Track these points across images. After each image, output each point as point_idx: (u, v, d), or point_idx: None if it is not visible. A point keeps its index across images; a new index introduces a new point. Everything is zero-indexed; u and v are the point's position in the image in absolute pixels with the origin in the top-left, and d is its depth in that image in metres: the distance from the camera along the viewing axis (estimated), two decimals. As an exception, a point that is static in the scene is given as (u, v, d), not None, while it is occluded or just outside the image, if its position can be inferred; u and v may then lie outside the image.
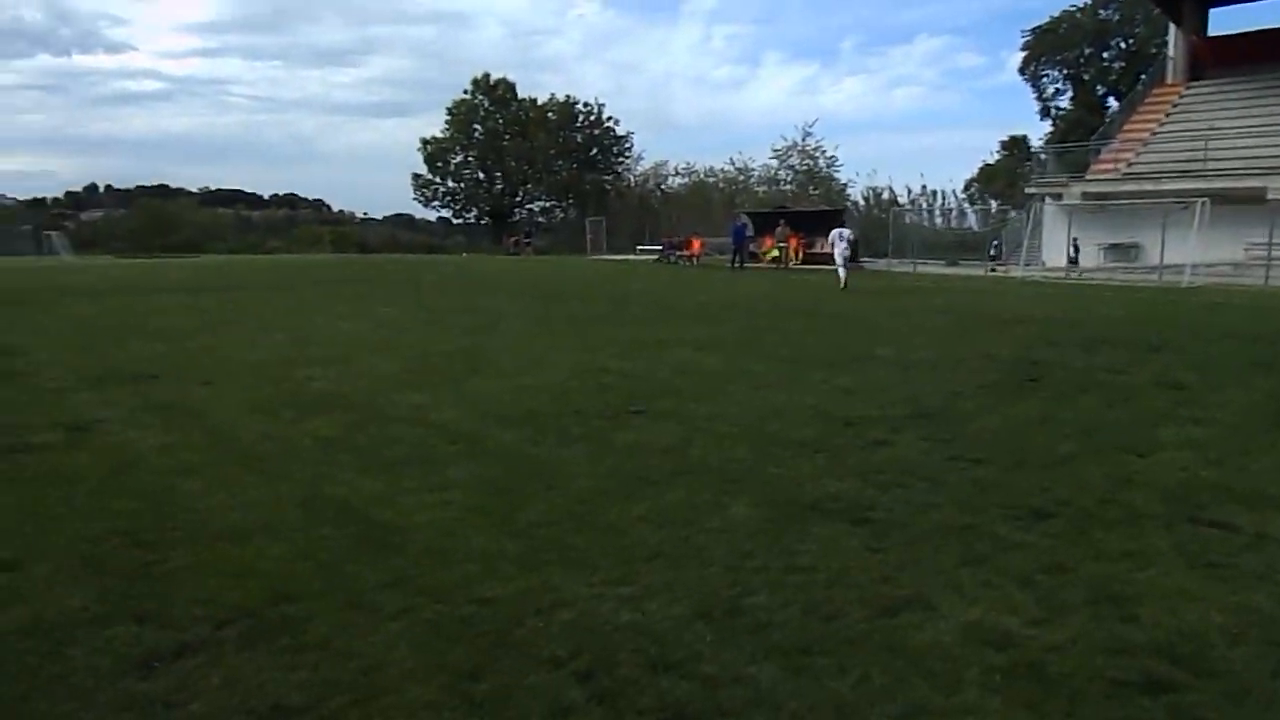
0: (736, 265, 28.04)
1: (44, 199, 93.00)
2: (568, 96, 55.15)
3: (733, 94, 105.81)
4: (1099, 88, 48.85)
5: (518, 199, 56.46)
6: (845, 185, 52.45)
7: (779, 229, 29.61)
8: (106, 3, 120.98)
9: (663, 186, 57.93)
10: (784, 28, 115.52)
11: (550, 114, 54.29)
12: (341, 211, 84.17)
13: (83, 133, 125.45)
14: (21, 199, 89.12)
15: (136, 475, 5.12)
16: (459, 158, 54.31)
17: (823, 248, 28.72)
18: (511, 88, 54.44)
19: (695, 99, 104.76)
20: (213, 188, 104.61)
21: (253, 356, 9.62)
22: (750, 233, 30.74)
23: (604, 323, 12.66)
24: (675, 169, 56.54)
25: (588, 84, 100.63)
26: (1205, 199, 21.21)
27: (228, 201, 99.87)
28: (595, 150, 55.81)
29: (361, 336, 11.46)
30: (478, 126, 53.63)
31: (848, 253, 20.77)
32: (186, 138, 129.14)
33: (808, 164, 53.67)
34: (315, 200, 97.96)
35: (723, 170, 55.42)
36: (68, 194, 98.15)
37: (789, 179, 54.17)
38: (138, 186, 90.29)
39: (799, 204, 40.27)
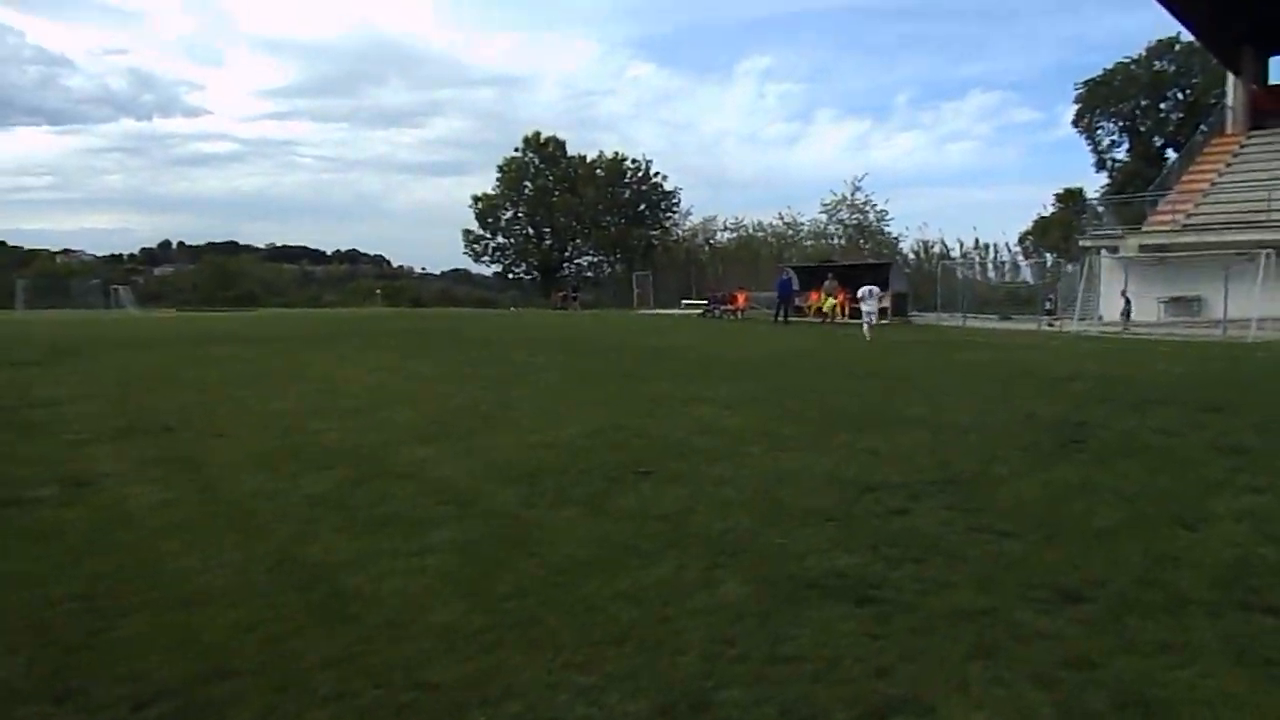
0: (781, 319, 27.66)
1: (120, 255, 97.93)
2: (616, 153, 55.98)
3: (785, 150, 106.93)
4: (1156, 139, 47.86)
5: (566, 254, 56.97)
6: (896, 239, 51.88)
7: (828, 282, 28.85)
8: (186, 70, 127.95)
9: (711, 241, 57.99)
10: (836, 85, 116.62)
11: (599, 170, 54.98)
12: (401, 266, 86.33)
13: (159, 192, 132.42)
14: (99, 255, 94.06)
15: (121, 533, 4.98)
16: (509, 214, 55.18)
17: (881, 302, 28.44)
18: (561, 145, 55.40)
19: (748, 156, 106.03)
20: (279, 243, 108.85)
21: (274, 407, 9.57)
22: (795, 286, 30.38)
23: (633, 378, 12.38)
24: (724, 224, 56.64)
25: (642, 142, 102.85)
26: (1270, 250, 20.33)
27: (293, 257, 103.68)
28: (644, 206, 56.25)
29: (387, 388, 11.36)
30: (528, 184, 54.52)
31: (874, 308, 21.87)
32: (256, 196, 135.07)
33: (857, 218, 53.24)
34: (376, 256, 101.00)
35: (771, 225, 55.31)
36: (142, 250, 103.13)
37: (838, 233, 53.79)
38: (208, 243, 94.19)
39: (846, 258, 39.79)
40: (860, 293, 22.40)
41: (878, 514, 5.16)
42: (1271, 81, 31.47)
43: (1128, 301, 24.45)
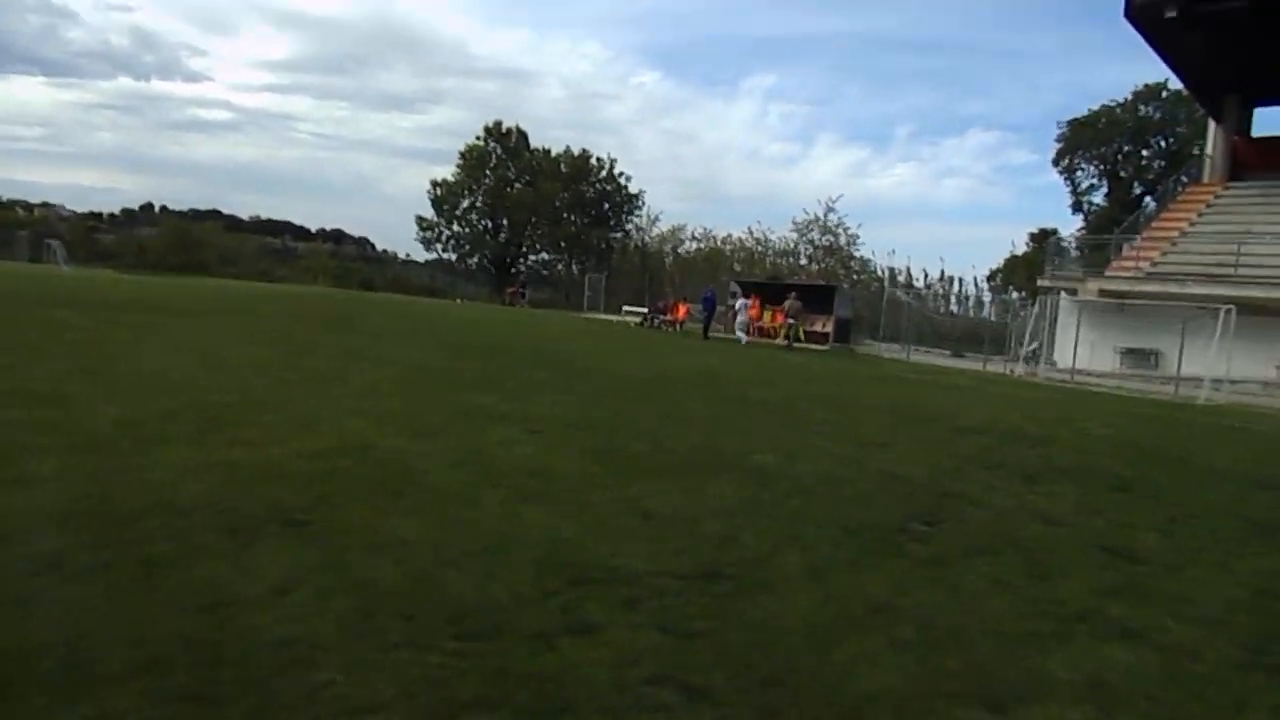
0: (710, 335, 25.85)
1: (100, 213, 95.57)
2: (583, 150, 53.96)
3: (784, 170, 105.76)
4: (1136, 186, 46.61)
5: (521, 249, 54.89)
6: (865, 263, 50.47)
7: (789, 302, 26.51)
8: (190, 35, 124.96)
9: (678, 250, 56.30)
10: (839, 110, 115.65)
11: (562, 166, 52.99)
12: (385, 250, 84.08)
13: (150, 154, 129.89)
14: (79, 211, 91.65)
15: None
16: (466, 203, 53.04)
17: (817, 326, 26.71)
18: (524, 136, 53.28)
19: (747, 172, 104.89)
20: (264, 216, 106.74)
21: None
22: (740, 301, 28.51)
23: (465, 387, 10.47)
24: (692, 234, 54.92)
25: (641, 148, 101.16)
26: (1231, 306, 18.77)
27: (276, 231, 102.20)
28: (607, 206, 54.33)
29: (168, 371, 9.43)
30: (487, 173, 52.41)
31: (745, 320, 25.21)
32: (248, 167, 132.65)
33: (829, 239, 51.77)
34: (360, 238, 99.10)
35: (740, 239, 53.69)
36: (123, 210, 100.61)
37: (807, 252, 52.31)
38: (191, 209, 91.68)
39: (791, 277, 38.14)
40: (736, 305, 24.64)
41: (537, 633, 3.30)
42: (1254, 133, 30.10)
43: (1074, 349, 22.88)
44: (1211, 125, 30.30)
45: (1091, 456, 8.86)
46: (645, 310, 31.60)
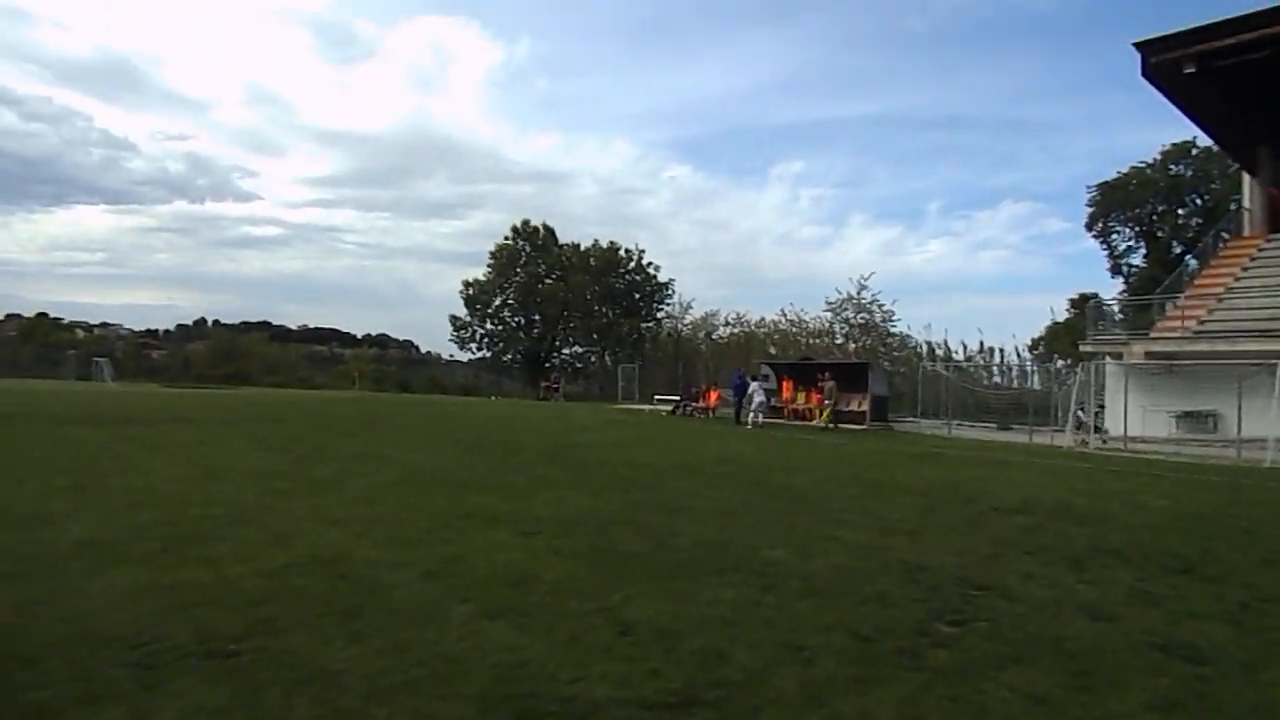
0: (743, 421, 25.12)
1: (156, 330, 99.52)
2: (610, 242, 54.35)
3: (818, 252, 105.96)
4: (1174, 245, 45.51)
5: (554, 343, 54.95)
6: (904, 340, 49.54)
7: (827, 384, 25.67)
8: (241, 157, 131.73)
9: (711, 335, 55.99)
10: (869, 190, 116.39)
11: (591, 259, 53.39)
12: (429, 353, 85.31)
13: (205, 271, 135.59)
14: (136, 329, 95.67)
15: None
16: (498, 300, 53.48)
17: (853, 405, 25.88)
18: (552, 233, 53.91)
19: (781, 256, 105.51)
20: (311, 325, 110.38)
21: None
22: (768, 384, 27.84)
23: (468, 486, 9.98)
24: (725, 319, 54.62)
25: (676, 239, 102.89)
26: (1288, 362, 17.70)
27: (323, 339, 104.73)
28: (638, 296, 54.38)
29: (166, 482, 9.13)
30: (518, 270, 52.95)
31: (764, 400, 25.26)
32: (297, 279, 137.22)
33: (864, 317, 51.06)
34: (405, 341, 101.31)
35: (774, 321, 53.21)
36: (178, 326, 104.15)
37: (842, 331, 51.59)
38: (242, 322, 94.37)
39: (825, 357, 37.38)
40: (751, 388, 25.06)
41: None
42: (1291, 183, 29.17)
43: (1098, 413, 21.77)
44: (1246, 178, 29.45)
45: (1147, 534, 8.01)
46: (676, 398, 31.03)
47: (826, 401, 24.89)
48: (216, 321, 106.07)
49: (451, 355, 59.18)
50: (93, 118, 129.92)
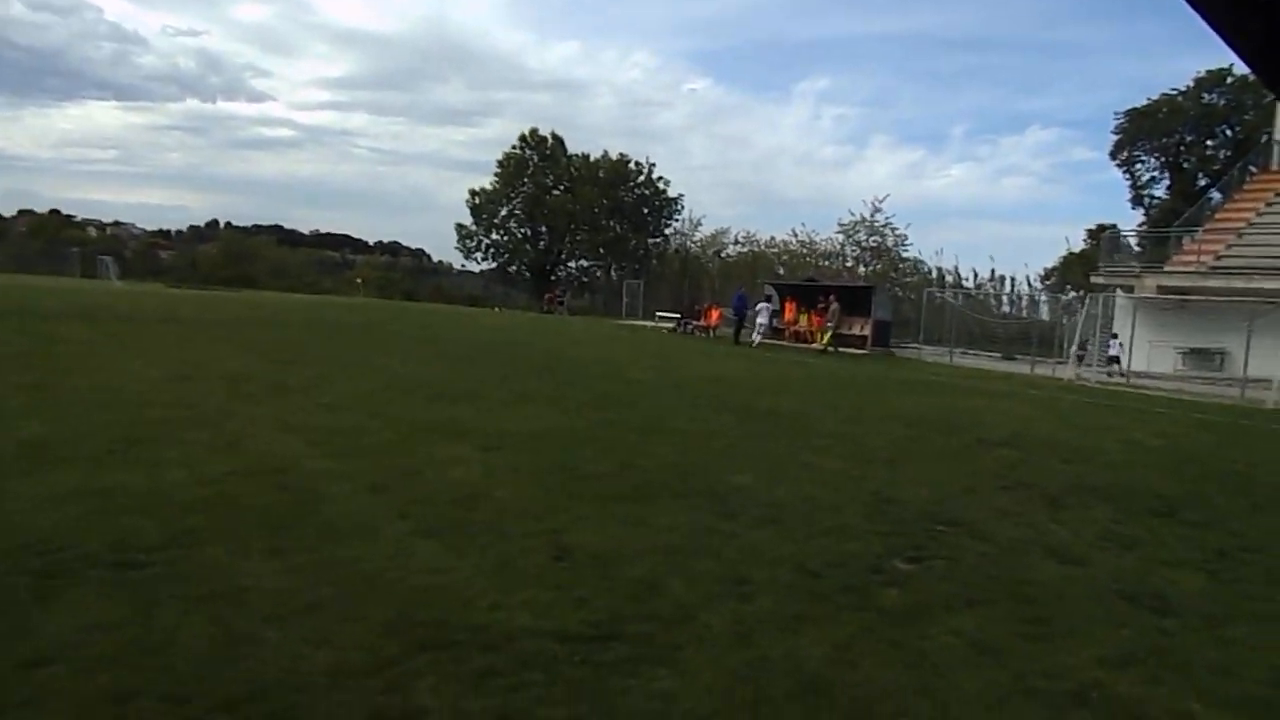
0: (742, 340, 24.85)
1: (168, 230, 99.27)
2: (621, 154, 53.06)
3: (838, 173, 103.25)
4: (1200, 178, 44.09)
5: (560, 256, 54.29)
6: (918, 264, 48.76)
7: (831, 306, 24.81)
8: (254, 56, 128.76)
9: (721, 254, 55.20)
10: (893, 111, 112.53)
11: (600, 171, 52.25)
12: (440, 262, 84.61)
13: (216, 172, 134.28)
14: (149, 229, 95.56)
15: None
16: (505, 210, 52.61)
17: (855, 329, 25.49)
18: (561, 142, 52.60)
19: (801, 176, 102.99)
20: (323, 230, 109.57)
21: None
22: (772, 304, 27.38)
23: (462, 398, 9.75)
24: (735, 237, 53.72)
25: (694, 155, 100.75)
26: (1303, 301, 17.20)
27: (336, 245, 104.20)
28: (646, 211, 53.41)
29: (133, 382, 8.95)
30: (526, 180, 51.92)
31: (765, 321, 25.93)
32: (310, 183, 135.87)
33: (876, 240, 50.16)
34: (417, 249, 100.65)
35: (784, 241, 52.33)
36: (190, 227, 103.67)
37: (853, 254, 50.78)
38: (254, 225, 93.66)
39: (828, 278, 36.79)
40: (757, 307, 25.98)
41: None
42: (1327, 117, 28.08)
43: (1119, 347, 21.36)
44: (1279, 109, 28.32)
45: (1134, 472, 7.75)
46: (678, 315, 30.67)
47: (829, 324, 24.46)
48: (229, 224, 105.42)
49: (463, 265, 58.55)
50: (102, 9, 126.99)
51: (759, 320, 26.06)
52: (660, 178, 53.66)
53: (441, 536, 4.53)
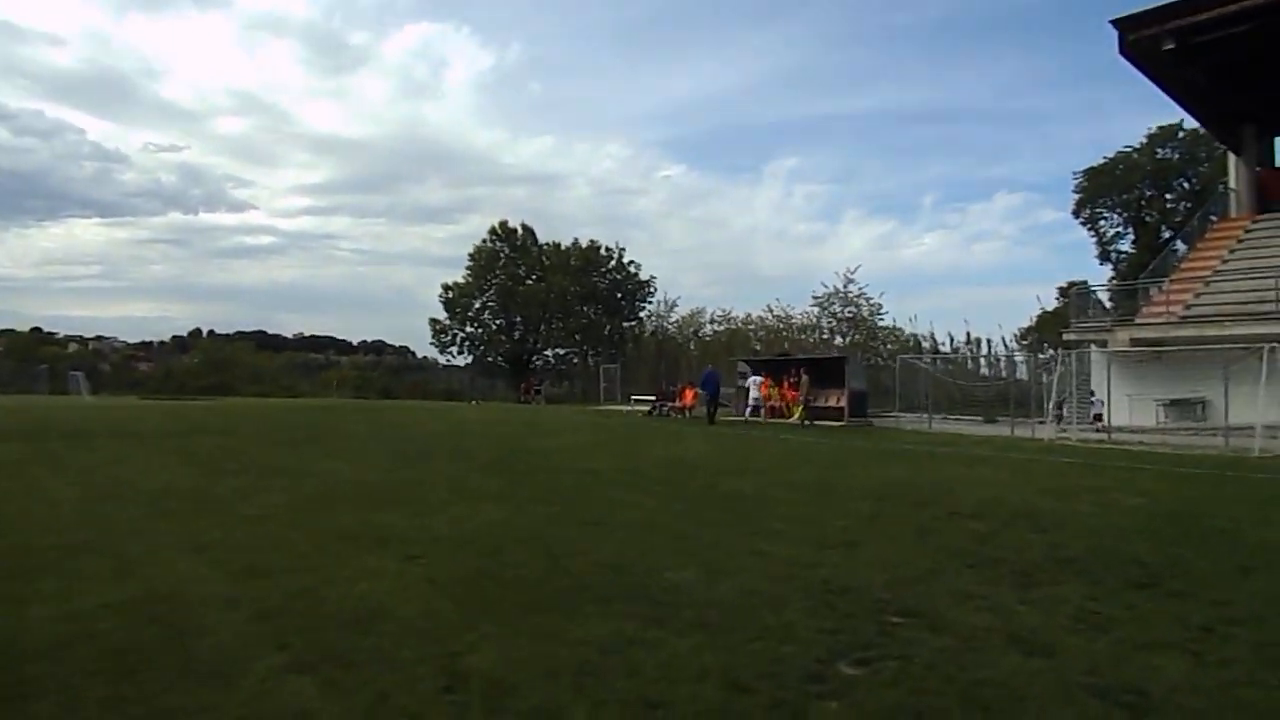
0: (719, 420, 24.38)
1: (150, 342, 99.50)
2: (591, 241, 53.42)
3: (813, 248, 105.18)
4: (1163, 230, 44.69)
5: (536, 345, 54.05)
6: (898, 332, 48.87)
7: (802, 379, 24.80)
8: (234, 167, 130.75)
9: (698, 333, 55.20)
10: (863, 185, 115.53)
11: (572, 259, 52.47)
12: (425, 358, 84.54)
13: (200, 282, 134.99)
14: (131, 342, 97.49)
15: None
16: (478, 303, 52.55)
17: (830, 400, 25.11)
18: (531, 233, 52.97)
19: (777, 253, 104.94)
20: (307, 333, 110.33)
21: None
22: (751, 379, 27.04)
23: (395, 501, 9.19)
24: (711, 316, 53.81)
25: (671, 238, 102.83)
26: (1276, 344, 16.93)
27: (320, 347, 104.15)
28: (620, 295, 53.51)
29: (44, 503, 8.41)
30: (498, 272, 52.01)
31: (758, 397, 26.16)
32: (292, 287, 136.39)
33: (851, 310, 50.30)
34: (401, 347, 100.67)
35: (760, 318, 52.41)
36: (174, 338, 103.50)
37: (830, 326, 50.84)
38: (237, 332, 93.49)
39: (799, 351, 36.56)
40: (746, 383, 26.67)
41: None
42: (1278, 163, 28.47)
43: (1099, 404, 21.05)
44: (1232, 159, 28.67)
45: (1112, 539, 7.22)
46: (653, 398, 30.22)
47: (805, 398, 24.08)
48: (211, 332, 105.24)
49: (449, 360, 58.05)
50: (84, 131, 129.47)
51: (751, 395, 26.29)
52: (631, 261, 54.07)
53: (318, 671, 3.94)
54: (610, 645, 4.32)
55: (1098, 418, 21.11)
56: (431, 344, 52.94)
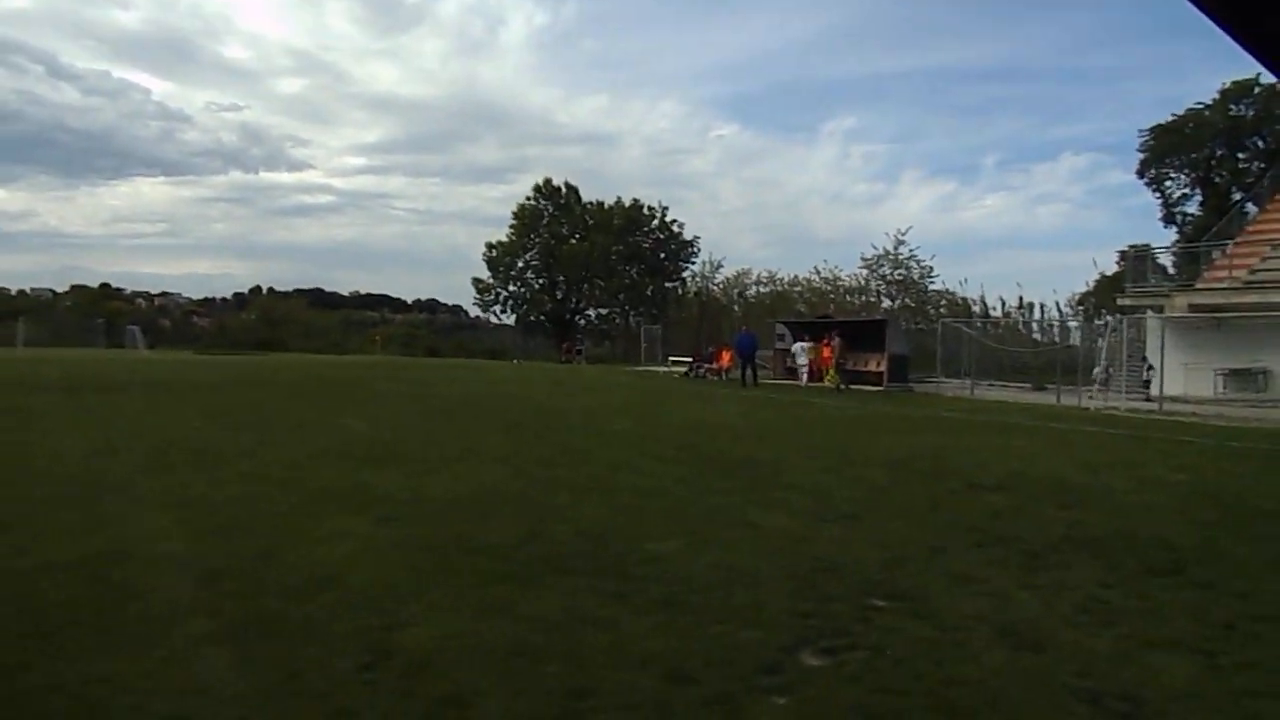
0: (750, 382, 23.88)
1: (213, 298, 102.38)
2: (635, 200, 52.74)
3: (870, 210, 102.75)
4: (1234, 191, 42.44)
5: (579, 304, 53.80)
6: (946, 296, 47.69)
7: (835, 342, 23.96)
8: (293, 126, 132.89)
9: (744, 294, 54.48)
10: (922, 145, 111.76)
11: (615, 218, 51.88)
12: (477, 317, 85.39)
13: (260, 240, 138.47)
14: (195, 298, 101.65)
15: None
16: (521, 262, 52.37)
17: (870, 365, 24.46)
18: (575, 192, 52.49)
19: (833, 215, 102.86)
20: (363, 291, 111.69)
21: None
22: (796, 345, 26.45)
23: (394, 459, 9.00)
24: (757, 278, 52.99)
25: (725, 199, 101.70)
26: (1345, 313, 15.87)
27: (375, 305, 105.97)
28: (663, 255, 52.88)
29: (50, 454, 8.43)
30: (541, 231, 51.70)
31: (804, 362, 25.52)
32: (349, 245, 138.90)
33: (901, 273, 49.11)
34: (454, 305, 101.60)
35: (807, 279, 51.46)
36: (235, 294, 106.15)
37: (879, 289, 49.76)
38: (295, 290, 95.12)
39: (841, 314, 35.68)
40: (794, 348, 25.36)
41: None
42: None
43: (1149, 371, 20.11)
44: (1311, 117, 27.05)
45: (1142, 517, 6.68)
46: (690, 360, 29.80)
47: (837, 361, 23.43)
48: (271, 289, 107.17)
49: (497, 319, 58.00)
50: (150, 91, 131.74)
51: (799, 361, 25.80)
52: (675, 220, 53.28)
53: (240, 641, 3.69)
54: (559, 622, 4.00)
55: (1146, 384, 20.16)
56: (474, 303, 53.02)
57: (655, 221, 52.39)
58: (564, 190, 52.19)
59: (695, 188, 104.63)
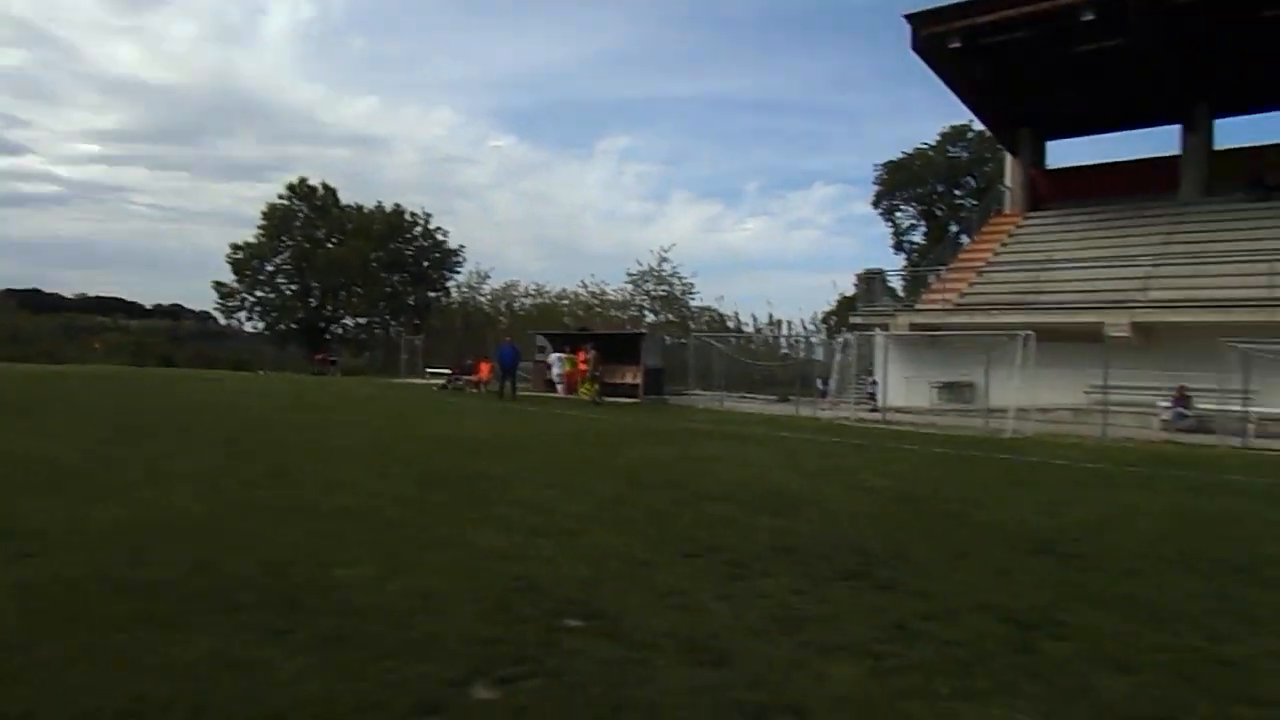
0: (509, 394, 23.58)
1: None
2: (396, 205, 50.86)
3: (642, 228, 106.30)
4: (951, 224, 47.77)
5: (335, 312, 51.07)
6: (706, 312, 49.82)
7: (590, 354, 24.30)
8: (8, 104, 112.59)
9: (512, 306, 53.99)
10: (691, 168, 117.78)
11: (375, 224, 49.79)
12: (228, 324, 77.64)
13: None
14: None
15: None
16: (270, 266, 48.88)
17: (626, 377, 24.84)
18: (333, 193, 49.83)
19: (606, 231, 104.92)
20: (92, 294, 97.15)
21: None
22: (553, 356, 26.42)
23: (61, 483, 7.77)
24: (525, 290, 52.72)
25: (500, 210, 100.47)
26: (1030, 332, 17.98)
27: (107, 309, 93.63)
28: (426, 264, 51.38)
29: None
30: (296, 234, 48.54)
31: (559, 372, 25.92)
32: (76, 242, 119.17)
33: (664, 289, 50.85)
34: (201, 312, 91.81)
35: (575, 292, 51.88)
36: None
37: (643, 304, 51.16)
38: (7, 289, 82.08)
39: (602, 327, 36.43)
40: (550, 359, 26.04)
41: None
42: (1048, 165, 30.66)
43: (872, 384, 22.03)
44: (1009, 159, 30.71)
45: (845, 524, 6.98)
46: (448, 372, 28.97)
47: (591, 373, 23.65)
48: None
49: (248, 326, 53.22)
50: None
51: (554, 371, 26.07)
52: (438, 228, 51.90)
53: None
54: (196, 671, 3.42)
55: (871, 397, 21.96)
56: (216, 308, 48.73)
57: (419, 229, 50.75)
58: (321, 191, 49.31)
59: (470, 198, 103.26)
